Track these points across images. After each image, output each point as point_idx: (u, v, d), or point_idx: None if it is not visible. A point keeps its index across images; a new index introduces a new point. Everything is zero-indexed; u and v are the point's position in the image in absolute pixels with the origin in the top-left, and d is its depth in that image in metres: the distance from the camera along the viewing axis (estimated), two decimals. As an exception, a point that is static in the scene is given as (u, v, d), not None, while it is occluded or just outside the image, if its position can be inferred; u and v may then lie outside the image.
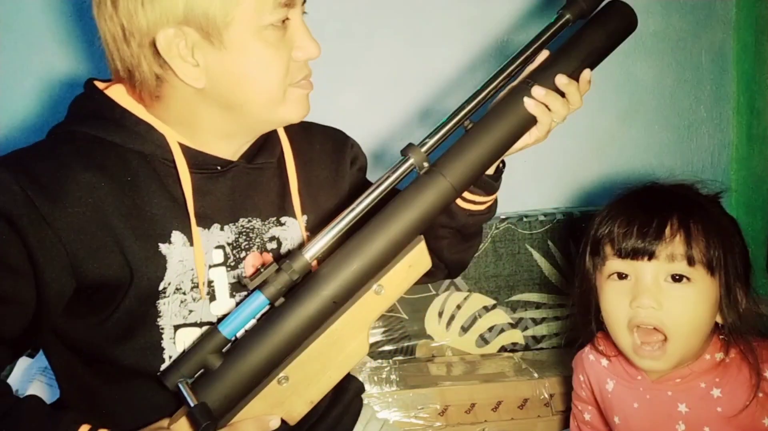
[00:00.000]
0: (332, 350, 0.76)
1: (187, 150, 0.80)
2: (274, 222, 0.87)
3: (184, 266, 0.78)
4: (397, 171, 0.77)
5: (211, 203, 0.82)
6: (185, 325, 0.79)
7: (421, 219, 0.77)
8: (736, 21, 1.83)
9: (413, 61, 1.68)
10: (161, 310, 0.77)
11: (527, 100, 0.80)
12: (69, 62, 1.50)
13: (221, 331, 0.73)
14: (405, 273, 0.78)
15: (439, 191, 0.76)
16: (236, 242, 0.83)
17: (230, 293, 0.82)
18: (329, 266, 0.75)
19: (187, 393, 0.71)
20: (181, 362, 0.73)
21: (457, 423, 1.40)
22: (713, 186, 1.02)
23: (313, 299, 0.74)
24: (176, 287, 0.78)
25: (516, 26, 1.71)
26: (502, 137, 0.80)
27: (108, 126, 0.78)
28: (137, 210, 0.76)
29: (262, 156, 0.87)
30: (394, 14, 1.66)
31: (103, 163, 0.76)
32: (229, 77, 0.76)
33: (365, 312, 0.77)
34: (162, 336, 0.78)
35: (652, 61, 1.79)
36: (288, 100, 0.79)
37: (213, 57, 0.74)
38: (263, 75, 0.76)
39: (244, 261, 0.84)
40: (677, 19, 1.79)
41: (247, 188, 0.85)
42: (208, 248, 0.81)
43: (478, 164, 0.79)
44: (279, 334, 0.73)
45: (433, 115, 1.69)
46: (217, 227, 0.82)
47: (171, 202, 0.79)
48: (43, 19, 1.49)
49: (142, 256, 0.76)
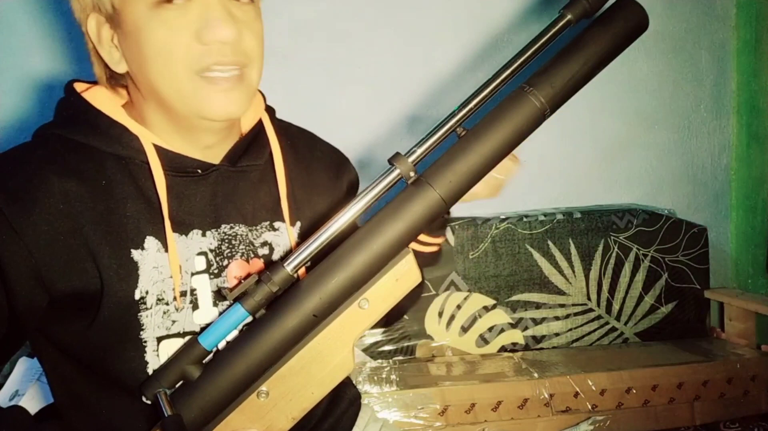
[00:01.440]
0: (314, 365, 0.74)
1: (164, 152, 0.77)
2: (267, 227, 0.84)
3: (161, 273, 0.75)
4: (383, 181, 0.73)
5: (191, 207, 0.78)
6: (168, 336, 0.76)
7: (408, 231, 0.73)
8: (736, 21, 1.83)
9: (412, 62, 1.68)
10: (144, 323, 0.75)
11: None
12: (69, 62, 1.51)
13: (201, 342, 0.71)
14: (391, 287, 0.75)
15: (427, 202, 0.72)
16: (219, 249, 0.80)
17: (213, 302, 0.79)
18: (310, 279, 0.73)
19: (164, 403, 0.69)
20: (161, 373, 0.72)
21: (457, 423, 1.40)
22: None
23: (293, 313, 0.72)
24: (158, 298, 0.76)
25: (516, 25, 1.71)
26: (498, 144, 0.74)
27: (84, 129, 0.76)
28: (111, 216, 0.74)
29: (247, 158, 0.83)
30: (392, 13, 1.66)
31: (78, 167, 0.74)
32: (135, 61, 0.72)
33: (349, 327, 0.74)
34: (145, 349, 0.75)
35: (652, 61, 1.79)
36: (201, 93, 0.72)
37: (122, 40, 0.73)
38: (159, 57, 0.70)
39: (227, 269, 0.81)
40: (677, 19, 1.79)
41: (231, 192, 0.82)
42: (188, 254, 0.78)
43: (470, 173, 0.73)
44: (258, 347, 0.72)
45: (425, 120, 1.69)
46: (198, 233, 0.79)
47: (146, 205, 0.76)
48: (44, 19, 1.50)
49: (113, 264, 0.73)
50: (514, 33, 1.70)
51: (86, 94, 0.78)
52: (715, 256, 1.83)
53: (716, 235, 1.90)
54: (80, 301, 0.73)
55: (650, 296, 1.72)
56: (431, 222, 0.74)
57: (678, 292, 1.74)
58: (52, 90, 1.50)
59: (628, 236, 1.70)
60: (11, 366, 1.31)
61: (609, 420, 1.43)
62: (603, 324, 1.70)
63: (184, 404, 0.71)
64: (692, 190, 1.88)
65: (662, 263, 1.72)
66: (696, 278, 1.75)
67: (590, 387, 1.44)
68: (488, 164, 0.74)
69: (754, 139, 1.83)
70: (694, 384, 1.48)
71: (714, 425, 1.46)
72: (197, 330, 0.78)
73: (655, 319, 1.73)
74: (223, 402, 0.72)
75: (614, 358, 1.57)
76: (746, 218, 1.89)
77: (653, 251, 1.71)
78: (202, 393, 0.71)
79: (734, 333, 1.73)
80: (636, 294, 1.71)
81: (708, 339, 1.73)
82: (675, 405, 1.47)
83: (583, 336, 1.70)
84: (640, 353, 1.63)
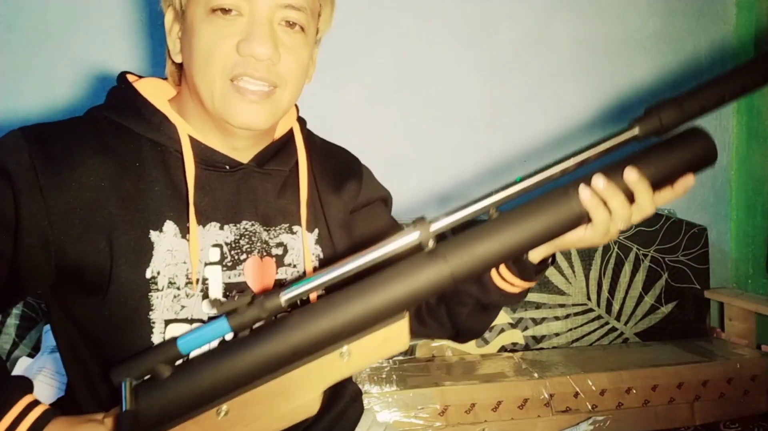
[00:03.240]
0: (279, 398, 0.74)
1: (197, 144, 0.82)
2: (285, 229, 0.87)
3: (174, 257, 0.79)
4: (400, 241, 0.71)
5: (213, 200, 0.82)
6: (176, 320, 0.79)
7: (409, 298, 0.72)
8: (736, 21, 1.83)
9: (414, 64, 1.68)
10: (154, 303, 0.78)
11: (583, 190, 0.70)
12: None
13: (177, 344, 0.71)
14: (377, 346, 0.74)
15: (436, 276, 0.71)
16: (236, 244, 0.83)
17: (224, 293, 0.82)
18: (300, 315, 0.73)
19: (126, 393, 0.70)
20: (133, 361, 0.72)
21: (457, 423, 1.40)
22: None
23: (273, 342, 0.72)
24: (170, 281, 0.79)
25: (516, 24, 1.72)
26: (525, 239, 0.71)
27: (128, 114, 0.82)
28: (137, 195, 0.78)
29: (275, 163, 0.87)
30: (396, 15, 1.66)
31: (116, 147, 0.79)
32: (186, 54, 0.81)
33: (324, 372, 0.74)
34: (152, 329, 0.78)
35: (652, 61, 1.79)
36: (227, 98, 0.77)
37: (183, 36, 0.81)
38: (203, 58, 0.77)
39: (244, 264, 0.84)
40: (677, 19, 1.79)
41: (253, 191, 0.85)
42: (204, 245, 0.81)
43: (487, 260, 0.71)
44: (232, 365, 0.72)
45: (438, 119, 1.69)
46: (216, 226, 0.82)
47: (172, 191, 0.80)
48: (45, 20, 1.50)
49: (129, 240, 0.77)
50: (517, 33, 1.71)
51: (136, 84, 0.84)
52: (715, 256, 1.83)
53: (716, 235, 1.90)
54: (89, 274, 0.76)
55: (650, 296, 1.72)
56: (434, 295, 0.74)
57: (678, 292, 1.74)
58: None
59: (628, 236, 1.70)
60: (11, 366, 1.31)
61: (609, 420, 1.43)
62: (603, 323, 1.70)
63: (146, 399, 0.71)
64: (692, 190, 1.87)
65: (662, 263, 1.72)
66: (696, 278, 1.75)
67: (590, 387, 1.44)
68: (509, 255, 0.72)
69: (754, 139, 1.83)
70: (694, 384, 1.48)
71: (714, 425, 1.46)
72: (204, 318, 0.80)
73: (655, 319, 1.73)
74: (183, 408, 0.72)
75: (614, 358, 1.57)
76: (746, 218, 1.89)
77: (653, 251, 1.71)
78: (166, 393, 0.72)
79: (734, 333, 1.73)
80: (636, 294, 1.71)
81: (708, 339, 1.74)
82: (675, 405, 1.47)
83: (583, 336, 1.70)
84: (640, 353, 1.63)
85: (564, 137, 1.78)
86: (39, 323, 1.40)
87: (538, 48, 1.72)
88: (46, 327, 1.36)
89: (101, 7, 1.54)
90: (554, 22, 1.73)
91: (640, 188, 0.71)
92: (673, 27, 1.79)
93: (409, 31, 1.67)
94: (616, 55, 1.77)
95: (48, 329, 1.33)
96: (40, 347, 1.35)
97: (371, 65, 1.67)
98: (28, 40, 1.51)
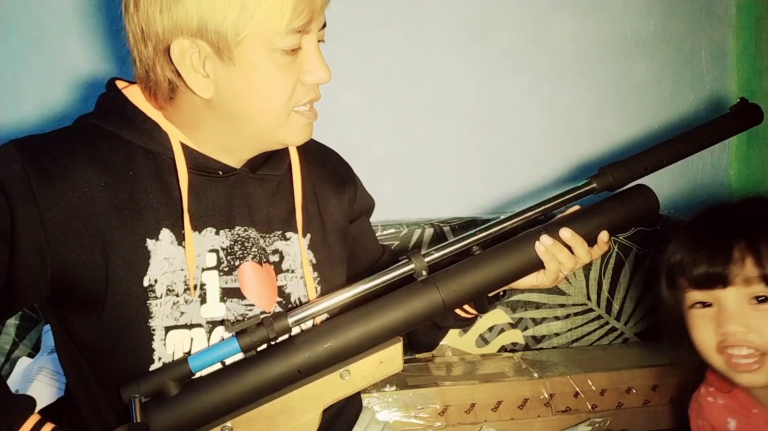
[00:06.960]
0: (281, 417, 0.78)
1: (189, 151, 0.81)
2: (279, 236, 0.88)
3: (171, 264, 0.79)
4: (396, 271, 0.80)
5: (207, 206, 0.83)
6: (176, 327, 0.80)
7: (404, 322, 0.80)
8: (736, 21, 1.83)
9: (413, 64, 1.68)
10: (153, 311, 0.78)
11: (538, 244, 0.85)
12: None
13: (189, 363, 0.75)
14: (374, 367, 0.80)
15: (429, 303, 0.80)
16: (231, 249, 0.84)
17: (221, 298, 0.82)
18: (305, 337, 0.79)
19: (136, 409, 0.72)
20: (143, 379, 0.75)
21: (457, 423, 1.40)
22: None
23: (280, 362, 0.77)
24: (168, 289, 0.79)
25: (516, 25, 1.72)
26: (504, 271, 0.85)
27: (119, 122, 0.81)
28: (132, 204, 0.78)
29: (267, 168, 0.88)
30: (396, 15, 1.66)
31: (108, 156, 0.79)
32: (235, 93, 0.77)
33: (325, 392, 0.79)
34: (153, 337, 0.78)
35: (652, 61, 1.79)
36: (290, 124, 0.81)
37: (222, 71, 0.76)
38: (268, 95, 0.77)
39: (239, 269, 0.84)
40: (677, 19, 1.79)
41: (247, 196, 0.86)
42: (200, 250, 0.82)
43: (473, 288, 0.83)
44: (239, 384, 0.76)
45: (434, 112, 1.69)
46: (212, 231, 0.83)
47: (166, 199, 0.80)
48: (44, 19, 1.50)
49: (125, 250, 0.77)
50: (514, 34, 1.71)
51: (126, 91, 0.84)
52: (715, 256, 1.83)
53: (716, 235, 1.90)
54: (85, 285, 0.76)
55: (650, 296, 1.72)
56: (427, 320, 0.83)
57: (678, 292, 1.74)
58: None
59: (628, 236, 1.70)
60: (11, 366, 1.31)
61: (609, 420, 1.43)
62: (603, 323, 1.70)
63: (154, 416, 0.74)
64: (692, 190, 1.88)
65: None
66: (696, 278, 1.75)
67: (590, 387, 1.44)
68: (491, 286, 0.85)
69: (754, 139, 1.83)
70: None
71: (714, 425, 1.46)
72: (203, 323, 0.81)
73: (656, 319, 1.73)
74: (189, 426, 0.75)
75: (614, 358, 1.57)
76: (746, 218, 1.89)
77: (653, 251, 1.71)
78: (174, 411, 0.74)
79: (734, 333, 1.73)
80: (636, 294, 1.71)
81: (708, 339, 1.73)
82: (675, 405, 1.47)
83: (583, 336, 1.70)
84: (640, 353, 1.63)
85: (564, 137, 1.78)
86: (39, 323, 1.40)
87: (538, 48, 1.72)
88: (46, 327, 1.36)
89: (101, 10, 1.54)
90: (554, 22, 1.73)
91: (574, 243, 0.87)
92: (673, 27, 1.79)
93: (409, 31, 1.67)
94: (616, 55, 1.77)
95: (48, 329, 1.33)
96: (40, 347, 1.35)
97: (371, 65, 1.67)
98: (26, 43, 1.51)
